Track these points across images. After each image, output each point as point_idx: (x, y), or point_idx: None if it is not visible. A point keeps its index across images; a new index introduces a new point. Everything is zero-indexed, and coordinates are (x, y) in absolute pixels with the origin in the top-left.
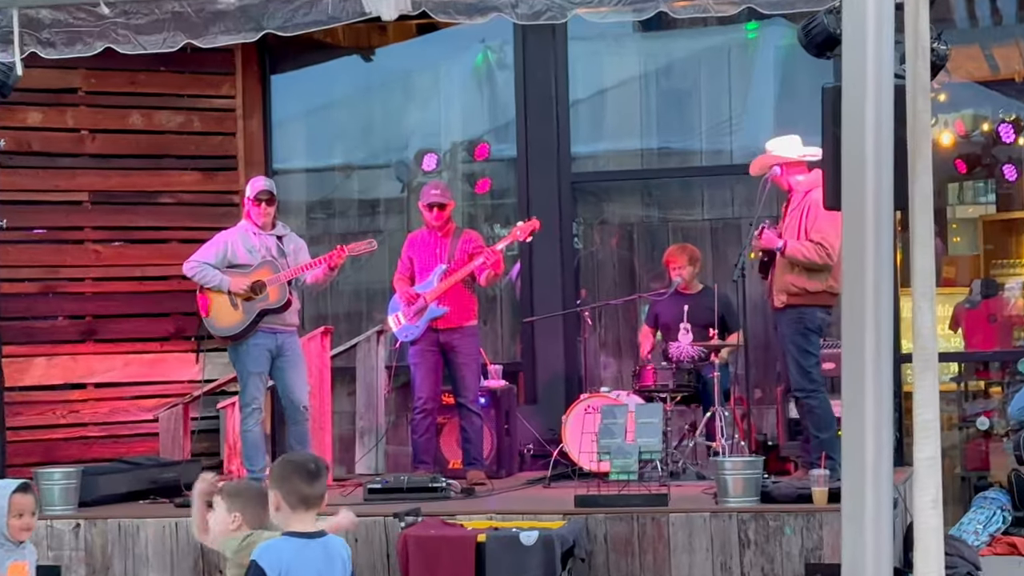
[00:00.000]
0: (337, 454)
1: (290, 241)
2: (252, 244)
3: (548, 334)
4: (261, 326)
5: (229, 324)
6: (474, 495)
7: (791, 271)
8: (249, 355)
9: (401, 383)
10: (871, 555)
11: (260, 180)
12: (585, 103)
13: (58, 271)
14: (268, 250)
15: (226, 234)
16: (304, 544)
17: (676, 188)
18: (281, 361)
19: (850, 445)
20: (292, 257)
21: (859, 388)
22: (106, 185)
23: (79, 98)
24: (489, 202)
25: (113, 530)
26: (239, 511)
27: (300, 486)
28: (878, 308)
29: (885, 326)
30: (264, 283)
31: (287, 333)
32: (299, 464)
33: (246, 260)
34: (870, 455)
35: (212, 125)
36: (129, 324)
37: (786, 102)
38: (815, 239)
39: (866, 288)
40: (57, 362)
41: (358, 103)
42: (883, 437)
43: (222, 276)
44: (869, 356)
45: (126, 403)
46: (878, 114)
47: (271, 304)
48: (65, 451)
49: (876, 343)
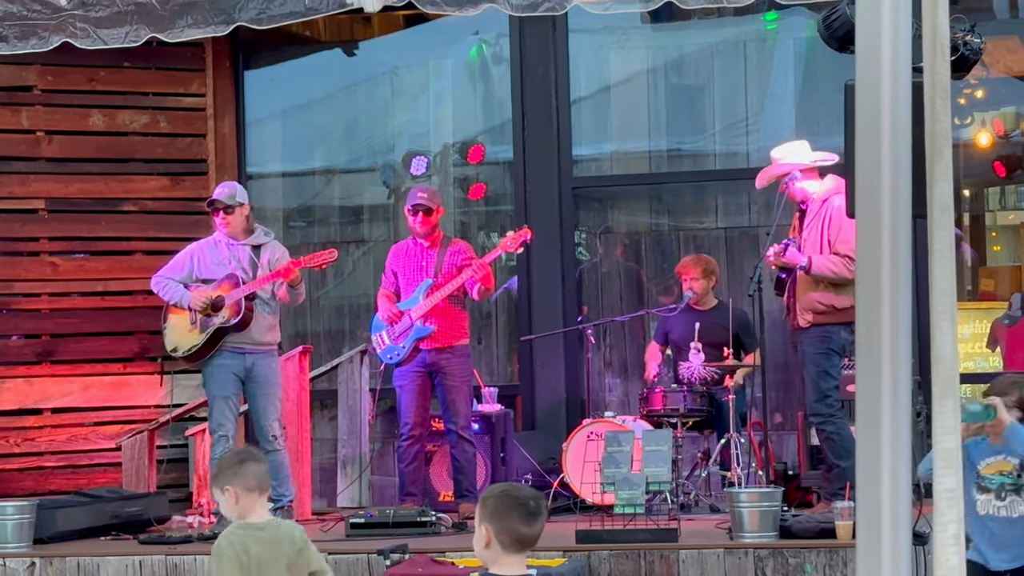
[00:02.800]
0: (317, 485)
1: (267, 250)
2: (221, 257)
3: (548, 354)
4: (227, 346)
5: (186, 343)
6: (466, 530)
7: (816, 288)
8: (214, 378)
9: (387, 408)
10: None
11: (222, 186)
12: (588, 101)
13: (12, 286)
14: (238, 261)
15: (195, 246)
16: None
17: (687, 193)
18: (251, 385)
19: (865, 476)
20: (265, 269)
21: (875, 414)
22: (64, 192)
23: (34, 97)
24: (484, 209)
25: (72, 569)
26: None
27: (518, 525)
28: (895, 326)
29: (903, 346)
30: (224, 298)
31: (259, 354)
32: (520, 501)
33: (213, 274)
34: (886, 487)
35: (180, 126)
36: (89, 344)
37: (807, 100)
38: (842, 251)
39: (882, 305)
40: (10, 385)
41: (340, 102)
42: (901, 467)
43: (183, 291)
44: (886, 378)
45: (86, 430)
46: (895, 114)
47: (227, 322)
48: (19, 483)
49: (893, 364)
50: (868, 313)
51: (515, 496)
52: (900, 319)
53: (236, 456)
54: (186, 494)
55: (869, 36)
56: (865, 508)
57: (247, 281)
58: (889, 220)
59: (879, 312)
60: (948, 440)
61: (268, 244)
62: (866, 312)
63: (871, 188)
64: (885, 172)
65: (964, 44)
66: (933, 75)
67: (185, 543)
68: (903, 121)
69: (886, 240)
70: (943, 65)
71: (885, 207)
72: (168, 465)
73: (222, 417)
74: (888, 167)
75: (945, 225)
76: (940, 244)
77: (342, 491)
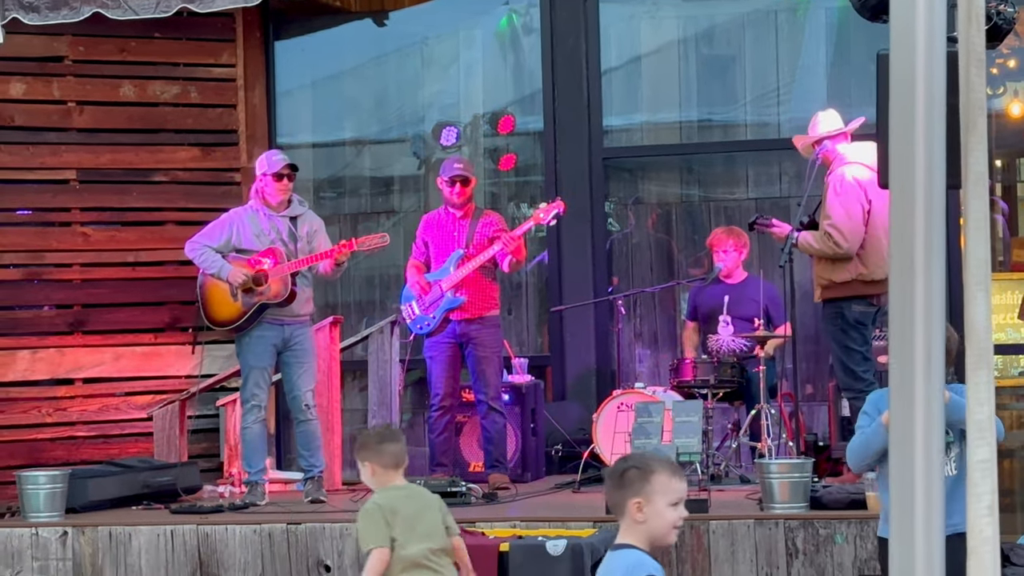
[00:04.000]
0: (347, 455)
1: (304, 222)
2: (261, 227)
3: (578, 325)
4: (267, 318)
5: (227, 317)
6: (496, 500)
7: (818, 262)
8: (251, 348)
9: (417, 378)
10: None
11: (276, 153)
12: (619, 71)
13: (43, 256)
14: (278, 233)
15: (233, 215)
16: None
17: (718, 164)
18: (287, 355)
19: (898, 447)
20: (304, 241)
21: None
22: (95, 162)
23: (66, 67)
24: (514, 180)
25: (103, 538)
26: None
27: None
28: (928, 297)
29: (937, 318)
30: (267, 275)
31: (296, 325)
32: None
33: (252, 245)
34: (919, 459)
35: (211, 97)
36: (121, 314)
37: (839, 70)
38: (824, 225)
39: (916, 276)
40: (42, 355)
41: (370, 72)
42: (934, 439)
43: (223, 263)
44: (919, 350)
45: (117, 400)
46: (929, 84)
47: (272, 299)
48: (51, 452)
49: (926, 335)
50: (901, 284)
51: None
52: (933, 290)
53: (377, 435)
54: (217, 464)
55: (904, 5)
56: (898, 480)
57: (289, 255)
58: (923, 191)
59: (912, 283)
60: (982, 411)
61: (305, 215)
62: (899, 283)
63: (905, 159)
64: (919, 142)
65: (997, 14)
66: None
67: (216, 512)
68: (937, 91)
69: (920, 211)
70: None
71: (919, 177)
72: (198, 435)
73: (256, 388)
74: (922, 137)
75: (979, 195)
76: (974, 214)
77: None
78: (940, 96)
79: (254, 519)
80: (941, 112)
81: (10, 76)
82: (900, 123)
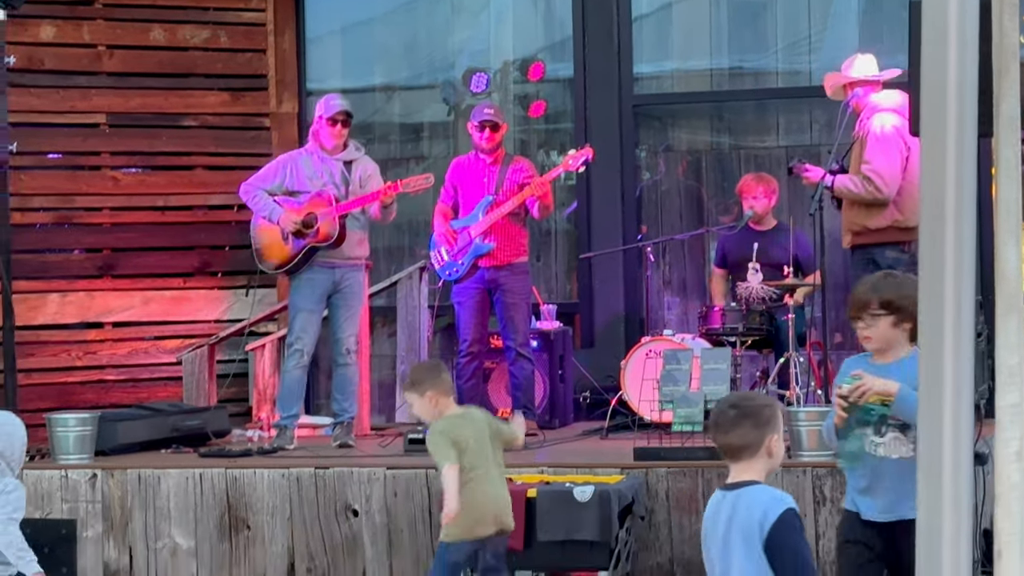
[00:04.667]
0: (376, 401)
1: (358, 166)
2: (315, 169)
3: (607, 272)
4: (318, 260)
5: (279, 260)
6: (525, 447)
7: (851, 208)
8: (300, 290)
9: (445, 325)
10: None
11: (336, 97)
12: (649, 18)
13: (73, 200)
14: (331, 176)
15: (287, 157)
16: (722, 497)
17: (749, 112)
18: (335, 297)
19: (927, 394)
20: (357, 185)
21: (938, 332)
22: (125, 106)
23: (96, 11)
24: (544, 127)
25: (132, 481)
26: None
27: (716, 436)
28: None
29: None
30: (316, 216)
31: (347, 268)
32: (718, 413)
33: (304, 187)
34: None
35: (240, 41)
36: (150, 258)
37: (871, 17)
38: (863, 170)
39: (946, 223)
40: (72, 299)
41: (400, 18)
42: (963, 386)
43: (274, 206)
44: (949, 297)
45: (146, 344)
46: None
47: (321, 241)
48: (81, 395)
49: (956, 282)
50: (932, 231)
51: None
52: (964, 237)
53: (432, 367)
54: (246, 408)
55: None
56: (927, 426)
57: (339, 198)
58: (955, 138)
59: (943, 230)
60: (1011, 356)
61: (359, 160)
62: (929, 230)
63: (937, 106)
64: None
65: None
66: None
67: (245, 456)
68: (970, 37)
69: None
70: None
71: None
72: (228, 380)
73: (301, 331)
74: (954, 84)
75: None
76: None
77: (400, 407)
78: (972, 43)
79: (282, 463)
80: (973, 59)
81: (40, 19)
82: (932, 70)
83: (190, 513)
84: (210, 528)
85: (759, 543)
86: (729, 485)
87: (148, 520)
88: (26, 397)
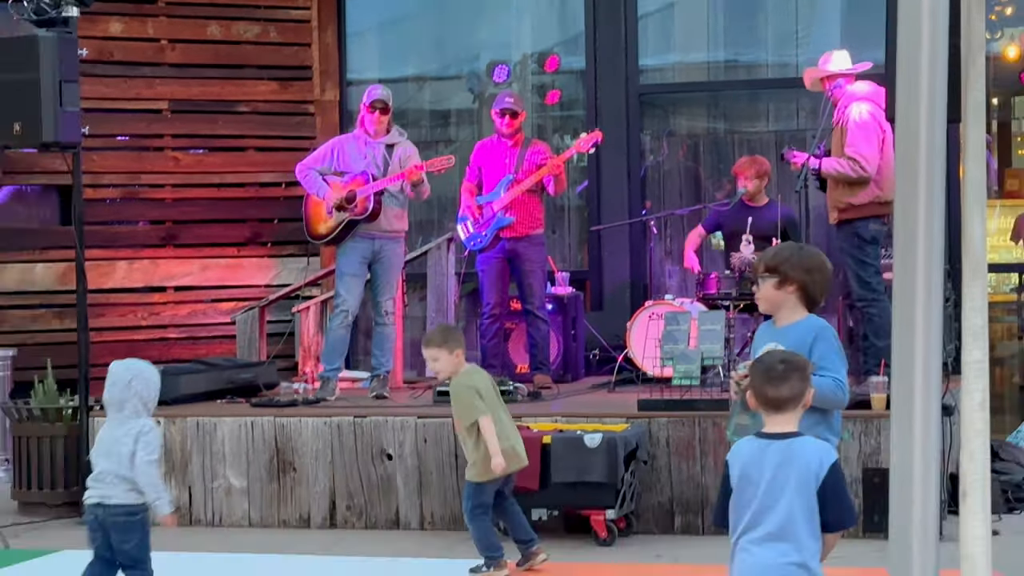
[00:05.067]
0: (408, 357)
1: (400, 149)
2: (360, 152)
3: (615, 243)
4: (360, 232)
5: (323, 232)
6: (540, 399)
7: (836, 188)
8: (344, 257)
9: (470, 290)
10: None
11: (377, 88)
12: (653, 16)
13: (139, 178)
14: (373, 158)
15: (337, 140)
16: (766, 445)
17: (742, 100)
18: (376, 266)
19: (900, 350)
20: (396, 166)
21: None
22: (185, 94)
23: (159, 8)
24: (558, 113)
25: (192, 428)
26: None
27: (765, 388)
28: (929, 216)
29: (936, 234)
30: (356, 193)
31: (386, 239)
32: (766, 367)
33: (350, 167)
34: (919, 360)
35: (288, 36)
36: (207, 230)
37: (852, 15)
38: (848, 153)
39: (919, 198)
40: (138, 266)
41: (431, 15)
42: (932, 344)
43: (322, 184)
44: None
45: (204, 306)
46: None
47: (359, 215)
48: (146, 351)
49: (927, 251)
50: (905, 206)
51: (763, 362)
52: (934, 211)
53: (454, 328)
54: (292, 364)
55: None
56: (900, 382)
57: (378, 178)
58: (926, 123)
59: (916, 205)
60: (976, 317)
61: (401, 143)
62: (904, 204)
63: (911, 94)
64: (923, 79)
65: None
66: None
67: (291, 406)
68: (941, 33)
69: (923, 141)
70: None
71: (923, 110)
72: (277, 338)
73: (347, 293)
74: (926, 75)
75: (977, 126)
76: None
77: None
78: (943, 38)
79: (325, 412)
80: (944, 52)
81: (109, 16)
82: (906, 62)
83: (242, 456)
84: (260, 470)
85: (814, 487)
86: (774, 435)
87: (205, 463)
88: (97, 352)
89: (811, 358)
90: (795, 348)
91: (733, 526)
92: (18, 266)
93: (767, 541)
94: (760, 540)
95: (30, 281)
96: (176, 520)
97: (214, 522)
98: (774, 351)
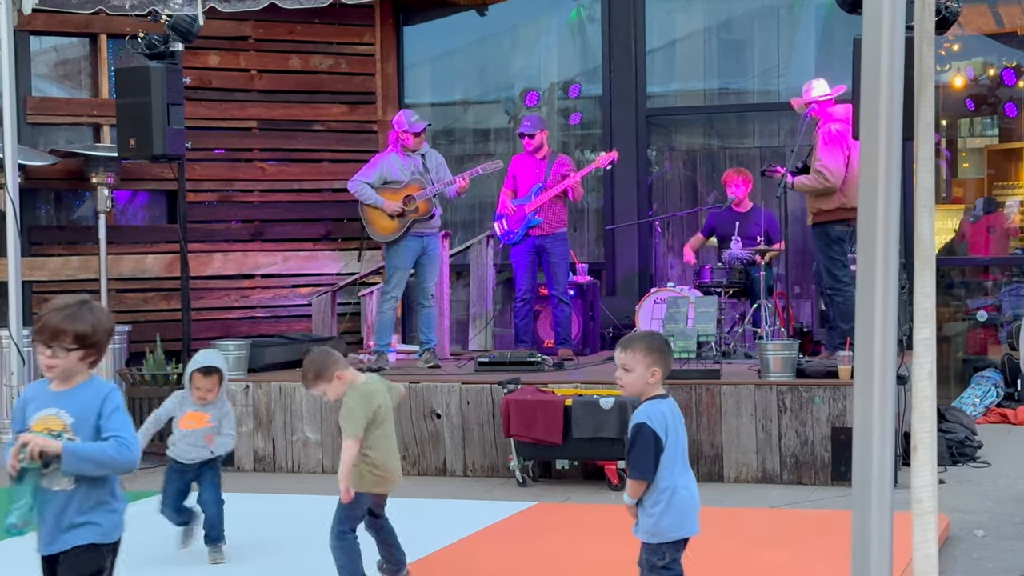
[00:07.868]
0: (454, 334)
1: (431, 157)
2: (403, 163)
3: (626, 239)
4: (412, 230)
5: (388, 232)
6: (563, 368)
7: (811, 196)
8: (399, 254)
9: (505, 278)
10: (878, 420)
11: (414, 115)
12: (659, 51)
13: (232, 184)
14: (415, 167)
15: (380, 156)
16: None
17: (732, 121)
18: (423, 258)
19: (862, 331)
20: (434, 171)
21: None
22: (270, 115)
23: (249, 44)
24: (579, 132)
25: (275, 391)
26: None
27: (670, 362)
28: (887, 218)
29: (893, 233)
30: (414, 197)
31: (431, 235)
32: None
33: (399, 177)
34: (878, 338)
35: (356, 67)
36: (288, 228)
37: (824, 51)
38: (816, 167)
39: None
40: (231, 257)
41: (474, 50)
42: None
43: (376, 195)
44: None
45: (286, 291)
46: (892, 59)
47: (421, 216)
48: (237, 328)
49: (885, 248)
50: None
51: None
52: (891, 215)
53: (321, 354)
54: (358, 339)
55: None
56: (862, 354)
57: (425, 183)
58: (885, 140)
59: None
60: (926, 301)
61: (430, 153)
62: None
63: (873, 116)
64: (883, 104)
65: (945, 8)
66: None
67: None
68: (897, 64)
69: (882, 155)
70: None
71: (882, 131)
72: (345, 318)
73: (397, 284)
74: (885, 100)
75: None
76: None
77: (472, 338)
78: (899, 69)
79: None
80: (900, 82)
81: (208, 50)
82: (869, 89)
83: (317, 415)
84: (332, 426)
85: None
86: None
87: (286, 420)
88: (197, 329)
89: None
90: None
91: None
92: (133, 257)
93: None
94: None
95: (143, 269)
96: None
97: (293, 469)
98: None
